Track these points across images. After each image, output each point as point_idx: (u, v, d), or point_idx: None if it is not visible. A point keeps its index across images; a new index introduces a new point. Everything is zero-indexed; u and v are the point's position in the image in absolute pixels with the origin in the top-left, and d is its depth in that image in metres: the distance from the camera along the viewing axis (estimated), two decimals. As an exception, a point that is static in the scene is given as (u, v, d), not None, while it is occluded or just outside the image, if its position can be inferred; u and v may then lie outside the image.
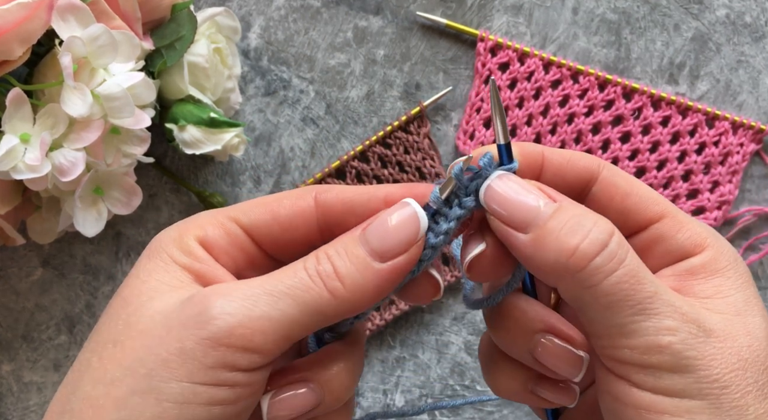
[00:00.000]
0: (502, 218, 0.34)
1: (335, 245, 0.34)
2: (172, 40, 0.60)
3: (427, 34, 0.71)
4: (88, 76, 0.53)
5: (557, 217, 0.33)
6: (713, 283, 0.34)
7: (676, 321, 0.31)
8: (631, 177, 0.37)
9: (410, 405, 0.71)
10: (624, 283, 0.31)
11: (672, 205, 0.36)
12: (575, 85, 0.70)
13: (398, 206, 0.35)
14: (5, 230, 0.61)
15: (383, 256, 0.33)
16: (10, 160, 0.52)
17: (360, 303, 0.33)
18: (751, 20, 0.71)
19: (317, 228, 0.37)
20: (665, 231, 0.36)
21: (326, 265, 0.33)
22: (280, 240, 0.36)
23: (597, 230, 0.32)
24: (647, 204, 0.36)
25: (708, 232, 0.36)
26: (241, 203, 0.37)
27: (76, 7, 0.52)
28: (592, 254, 0.31)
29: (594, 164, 0.37)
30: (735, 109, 0.71)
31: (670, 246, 0.36)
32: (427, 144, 0.70)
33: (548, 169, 0.37)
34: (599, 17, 0.71)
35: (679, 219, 0.36)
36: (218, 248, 0.35)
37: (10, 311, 0.70)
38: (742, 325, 0.33)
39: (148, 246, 0.36)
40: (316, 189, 0.37)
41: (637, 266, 0.32)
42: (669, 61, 0.71)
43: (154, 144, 0.60)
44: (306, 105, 0.71)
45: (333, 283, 0.33)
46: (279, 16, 0.70)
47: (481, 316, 0.71)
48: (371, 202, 0.36)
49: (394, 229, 0.34)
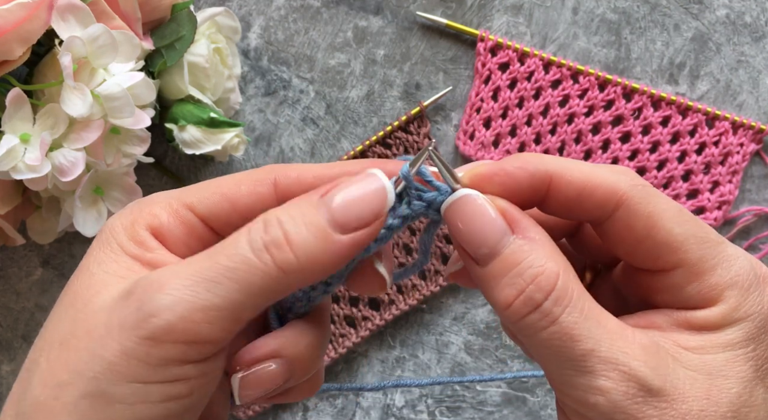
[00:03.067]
0: (460, 238, 0.33)
1: (289, 209, 0.31)
2: (172, 40, 0.60)
3: (427, 34, 0.71)
4: (88, 76, 0.53)
5: (504, 259, 0.31)
6: (704, 338, 0.32)
7: (609, 381, 0.30)
8: (657, 209, 0.32)
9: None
10: (556, 340, 0.30)
11: (700, 246, 0.32)
12: (575, 85, 0.70)
13: (364, 176, 0.32)
14: (5, 230, 0.61)
15: (345, 227, 0.30)
16: (10, 160, 0.52)
17: (312, 277, 0.31)
18: (751, 20, 0.71)
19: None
20: (675, 281, 0.32)
21: (276, 233, 0.30)
22: (237, 226, 0.33)
23: (534, 288, 0.30)
24: (662, 252, 0.32)
25: (735, 280, 0.32)
26: (195, 186, 0.35)
27: (76, 7, 0.52)
28: (523, 314, 0.31)
29: (615, 193, 0.32)
30: (735, 109, 0.71)
31: (675, 297, 0.33)
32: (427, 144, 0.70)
33: (555, 197, 0.33)
34: (599, 17, 0.71)
35: (696, 269, 0.32)
36: (172, 238, 0.34)
37: (10, 311, 0.70)
38: (705, 387, 0.30)
39: (99, 233, 0.34)
40: (275, 172, 0.34)
41: (574, 323, 0.30)
42: (669, 61, 0.71)
43: (154, 144, 0.60)
44: (306, 105, 0.71)
45: (283, 256, 0.30)
46: (279, 16, 0.70)
47: (480, 317, 0.71)
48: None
49: (360, 199, 0.31)
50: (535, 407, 0.71)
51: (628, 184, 0.32)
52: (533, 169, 0.32)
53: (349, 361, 0.71)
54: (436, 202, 0.33)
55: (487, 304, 0.71)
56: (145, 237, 0.33)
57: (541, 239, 0.31)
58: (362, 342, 0.71)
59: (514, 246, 0.31)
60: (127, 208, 0.35)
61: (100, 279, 0.32)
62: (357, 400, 0.72)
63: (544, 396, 0.72)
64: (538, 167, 0.32)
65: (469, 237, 0.32)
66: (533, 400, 0.71)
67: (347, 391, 0.57)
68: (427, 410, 0.71)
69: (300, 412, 0.71)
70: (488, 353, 0.71)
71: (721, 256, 0.32)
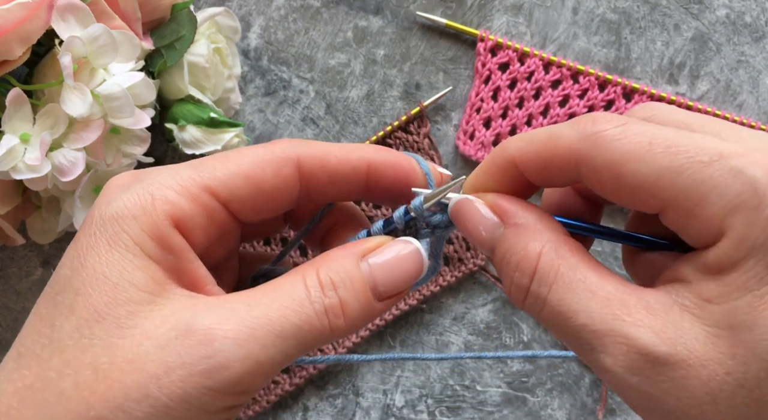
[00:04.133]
0: (470, 241, 0.33)
1: (338, 271, 0.31)
2: (172, 40, 0.60)
3: (427, 34, 0.71)
4: (88, 76, 0.53)
5: (497, 252, 0.32)
6: (723, 282, 0.26)
7: (609, 356, 0.27)
8: (617, 154, 0.28)
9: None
10: (552, 320, 0.30)
11: (679, 178, 0.27)
12: (575, 85, 0.70)
13: (401, 243, 0.33)
14: (5, 230, 0.61)
15: (382, 296, 0.32)
16: (10, 160, 0.52)
17: (345, 336, 0.32)
18: (751, 20, 0.71)
19: (297, 194, 0.34)
20: (672, 226, 0.29)
21: (334, 299, 0.31)
22: (260, 210, 0.33)
23: (519, 274, 0.30)
24: (641, 197, 0.28)
25: (735, 201, 0.26)
26: (208, 164, 0.32)
27: (76, 7, 0.52)
28: (521, 300, 0.31)
29: (571, 153, 0.29)
30: (735, 109, 0.71)
31: (686, 237, 0.28)
32: (427, 144, 0.70)
33: (529, 175, 0.32)
34: (599, 17, 0.71)
35: (684, 205, 0.27)
36: (195, 229, 0.31)
37: (10, 311, 0.70)
38: (729, 345, 0.26)
39: (99, 221, 0.30)
40: (297, 152, 0.33)
41: (560, 300, 0.29)
42: (669, 61, 0.71)
43: (154, 144, 0.60)
44: (306, 105, 0.71)
45: (337, 322, 0.31)
46: (279, 16, 0.70)
47: (480, 317, 0.71)
48: (355, 176, 0.34)
49: (401, 271, 0.32)
50: (535, 407, 0.71)
51: (581, 140, 0.29)
52: (500, 161, 0.33)
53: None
54: (442, 221, 0.34)
55: (487, 304, 0.71)
56: (170, 234, 0.30)
57: (526, 222, 0.31)
58: (362, 342, 0.71)
59: (502, 237, 0.31)
60: (125, 190, 0.31)
61: (127, 295, 0.29)
62: (357, 400, 0.72)
63: (544, 396, 0.72)
64: (503, 157, 0.32)
65: (473, 237, 0.33)
66: (533, 400, 0.71)
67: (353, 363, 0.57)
68: (427, 410, 0.71)
69: (300, 412, 0.71)
70: (487, 353, 0.71)
71: (712, 180, 0.26)
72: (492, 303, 0.71)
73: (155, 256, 0.30)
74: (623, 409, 0.72)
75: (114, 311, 0.29)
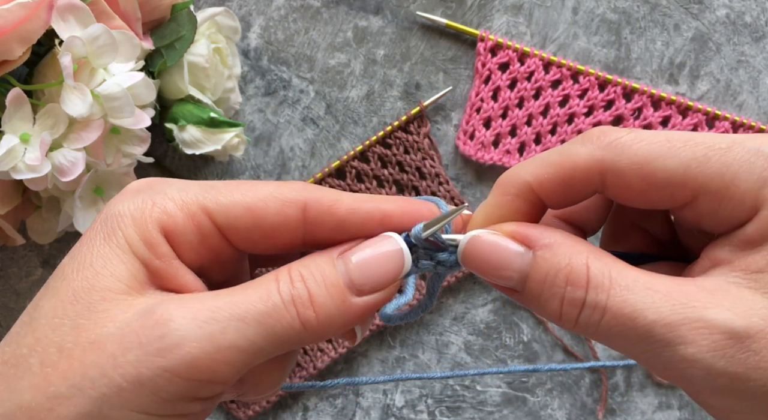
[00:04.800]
0: (490, 279, 0.32)
1: (310, 266, 0.31)
2: (172, 40, 0.60)
3: (427, 34, 0.71)
4: (88, 76, 0.53)
5: (534, 277, 0.31)
6: (767, 250, 0.28)
7: (690, 346, 0.27)
8: (640, 154, 0.30)
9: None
10: (616, 326, 0.29)
11: (707, 166, 0.29)
12: (575, 85, 0.70)
13: (382, 239, 0.32)
14: (5, 230, 0.61)
15: (360, 291, 0.31)
16: (10, 160, 0.52)
17: (324, 335, 0.31)
18: (751, 20, 0.71)
19: (301, 237, 0.33)
20: (707, 208, 0.30)
21: (301, 290, 0.30)
22: (258, 244, 0.33)
23: (571, 288, 0.30)
24: (672, 191, 0.30)
25: (765, 175, 0.28)
26: (215, 188, 0.33)
27: (76, 7, 0.52)
28: (575, 316, 0.30)
29: (591, 169, 0.31)
30: (735, 109, 0.71)
31: (717, 222, 0.30)
32: (427, 144, 0.70)
33: (546, 200, 0.33)
34: (599, 17, 0.71)
35: (716, 190, 0.29)
36: (184, 243, 0.32)
37: (10, 311, 0.70)
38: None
39: (104, 217, 0.31)
40: (306, 196, 0.33)
41: (623, 302, 0.29)
42: (669, 61, 0.71)
43: (154, 144, 0.60)
44: (306, 105, 0.71)
45: (306, 313, 0.30)
46: (279, 16, 0.70)
47: (480, 317, 0.71)
48: (366, 226, 0.33)
49: (378, 264, 0.32)
50: (535, 407, 0.71)
51: (601, 150, 0.30)
52: (513, 190, 0.32)
53: (349, 361, 0.71)
54: (448, 260, 0.34)
55: (487, 304, 0.71)
56: (157, 239, 0.31)
57: (557, 241, 0.31)
58: (362, 342, 0.71)
59: (537, 260, 0.31)
60: (136, 193, 0.32)
61: (106, 283, 0.30)
62: (357, 400, 0.72)
63: (544, 396, 0.72)
64: (515, 185, 0.32)
65: (495, 274, 0.32)
66: (533, 400, 0.71)
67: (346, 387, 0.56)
68: (427, 410, 0.71)
69: (300, 412, 0.71)
70: (488, 353, 0.71)
71: (737, 161, 0.29)
72: (492, 303, 0.71)
73: (143, 257, 0.31)
74: (623, 409, 0.72)
75: (89, 296, 0.30)
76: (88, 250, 0.31)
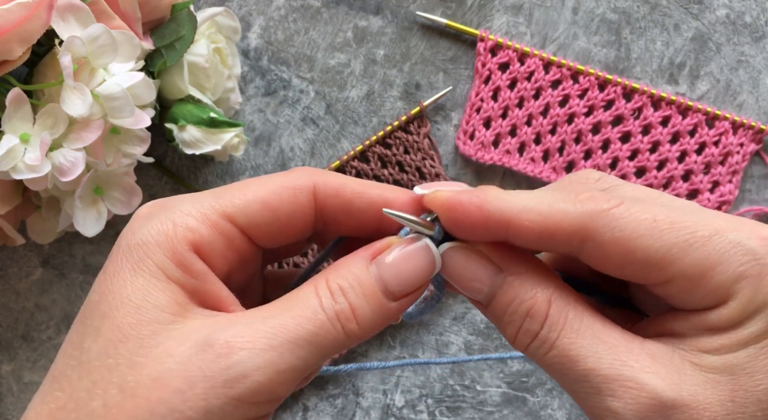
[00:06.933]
0: (459, 288, 0.34)
1: (347, 277, 0.32)
2: (172, 40, 0.60)
3: (427, 34, 0.71)
4: (88, 76, 0.53)
5: (500, 299, 0.32)
6: (723, 337, 0.29)
7: (617, 400, 0.29)
8: (626, 232, 0.30)
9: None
10: (558, 364, 0.31)
11: (687, 253, 0.29)
12: (575, 85, 0.70)
13: (412, 242, 0.33)
14: (5, 230, 0.61)
15: (395, 296, 0.32)
16: (10, 160, 0.52)
17: (364, 339, 0.32)
18: (751, 20, 0.71)
19: (313, 222, 0.35)
20: (678, 290, 0.30)
21: (343, 305, 0.31)
22: (276, 236, 0.34)
23: (529, 320, 0.31)
24: (649, 271, 0.30)
25: (741, 271, 0.29)
26: (226, 192, 0.34)
27: (76, 7, 0.52)
28: (526, 344, 0.32)
29: (576, 231, 0.30)
30: (735, 109, 0.71)
31: (686, 302, 0.31)
32: (427, 144, 0.70)
33: (516, 239, 0.32)
34: (599, 17, 0.71)
35: (692, 276, 0.29)
36: (213, 253, 0.33)
37: (10, 311, 0.70)
38: (729, 389, 0.28)
39: (125, 249, 0.32)
40: (314, 180, 0.34)
41: (570, 344, 0.30)
42: (669, 61, 0.71)
43: (154, 144, 0.60)
44: (306, 105, 0.71)
45: (350, 326, 0.31)
46: (279, 16, 0.70)
47: (480, 317, 0.71)
48: (371, 209, 0.35)
49: (410, 269, 0.33)
50: (535, 407, 0.71)
51: (588, 216, 0.30)
52: (488, 213, 0.31)
53: (349, 361, 0.72)
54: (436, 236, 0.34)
55: (487, 304, 0.71)
56: (191, 259, 0.32)
57: (527, 271, 0.32)
58: (362, 342, 0.71)
59: (505, 287, 0.32)
60: (150, 218, 0.33)
61: (150, 315, 0.30)
62: (357, 400, 0.72)
63: (544, 396, 0.72)
64: (494, 212, 0.31)
65: (464, 285, 0.33)
66: (533, 400, 0.72)
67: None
68: (427, 410, 0.71)
69: (300, 412, 0.71)
70: (488, 353, 0.71)
71: (716, 252, 0.29)
72: (492, 303, 0.71)
73: (178, 280, 0.31)
74: (623, 409, 0.72)
75: (137, 331, 0.30)
76: (120, 284, 0.31)
